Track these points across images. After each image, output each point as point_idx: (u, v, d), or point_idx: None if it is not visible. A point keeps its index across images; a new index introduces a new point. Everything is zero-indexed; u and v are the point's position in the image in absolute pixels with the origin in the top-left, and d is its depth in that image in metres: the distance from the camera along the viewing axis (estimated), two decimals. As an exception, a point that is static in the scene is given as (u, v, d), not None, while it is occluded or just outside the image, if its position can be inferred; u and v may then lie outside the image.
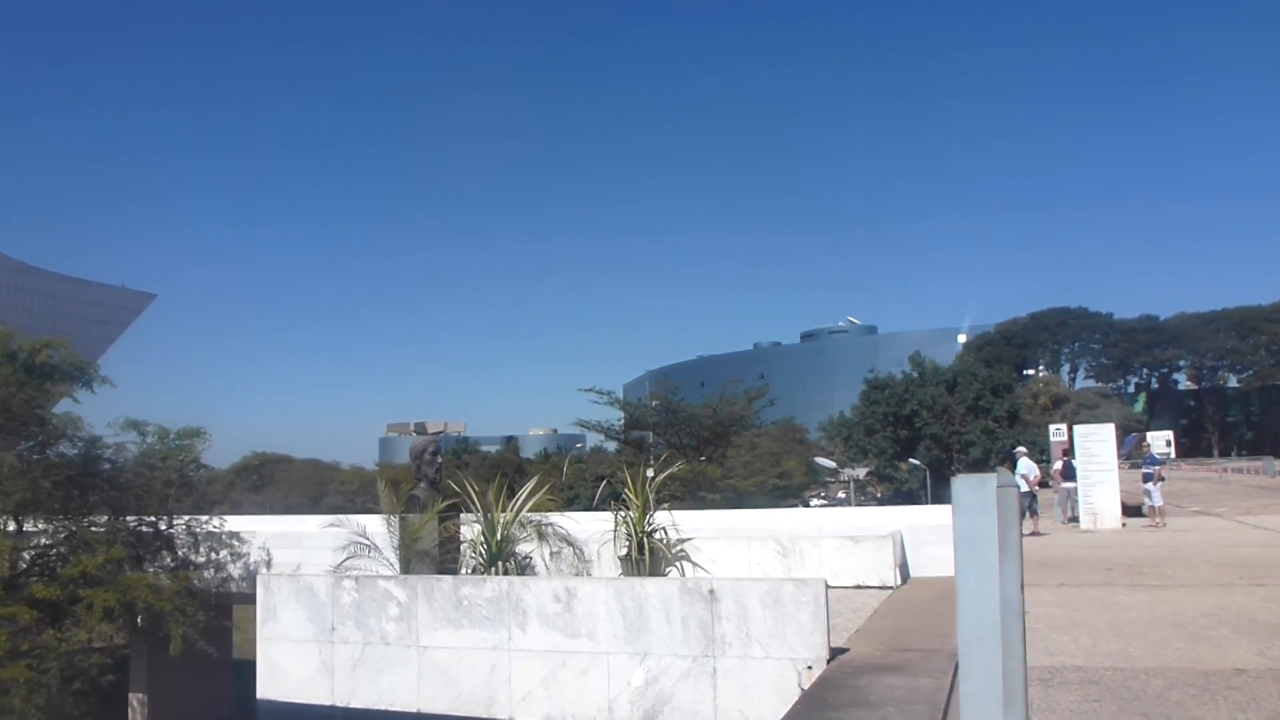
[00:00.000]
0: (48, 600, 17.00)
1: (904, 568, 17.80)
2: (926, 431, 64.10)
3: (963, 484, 3.15)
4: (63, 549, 19.33)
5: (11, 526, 19.08)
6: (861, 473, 64.05)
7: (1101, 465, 25.87)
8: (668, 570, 14.89)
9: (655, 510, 14.97)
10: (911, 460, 63.30)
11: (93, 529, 19.42)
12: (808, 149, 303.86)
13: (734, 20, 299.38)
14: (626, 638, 11.42)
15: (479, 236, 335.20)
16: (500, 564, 13.68)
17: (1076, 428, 28.67)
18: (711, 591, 11.00)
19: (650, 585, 11.59)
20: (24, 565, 19.22)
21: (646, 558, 14.38)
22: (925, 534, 18.29)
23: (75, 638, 17.73)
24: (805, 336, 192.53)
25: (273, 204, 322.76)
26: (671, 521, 15.32)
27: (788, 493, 61.69)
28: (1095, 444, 26.27)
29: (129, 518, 20.39)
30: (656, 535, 14.85)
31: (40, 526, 19.65)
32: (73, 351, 21.01)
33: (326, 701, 13.29)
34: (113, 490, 20.39)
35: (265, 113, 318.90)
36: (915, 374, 68.55)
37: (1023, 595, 2.99)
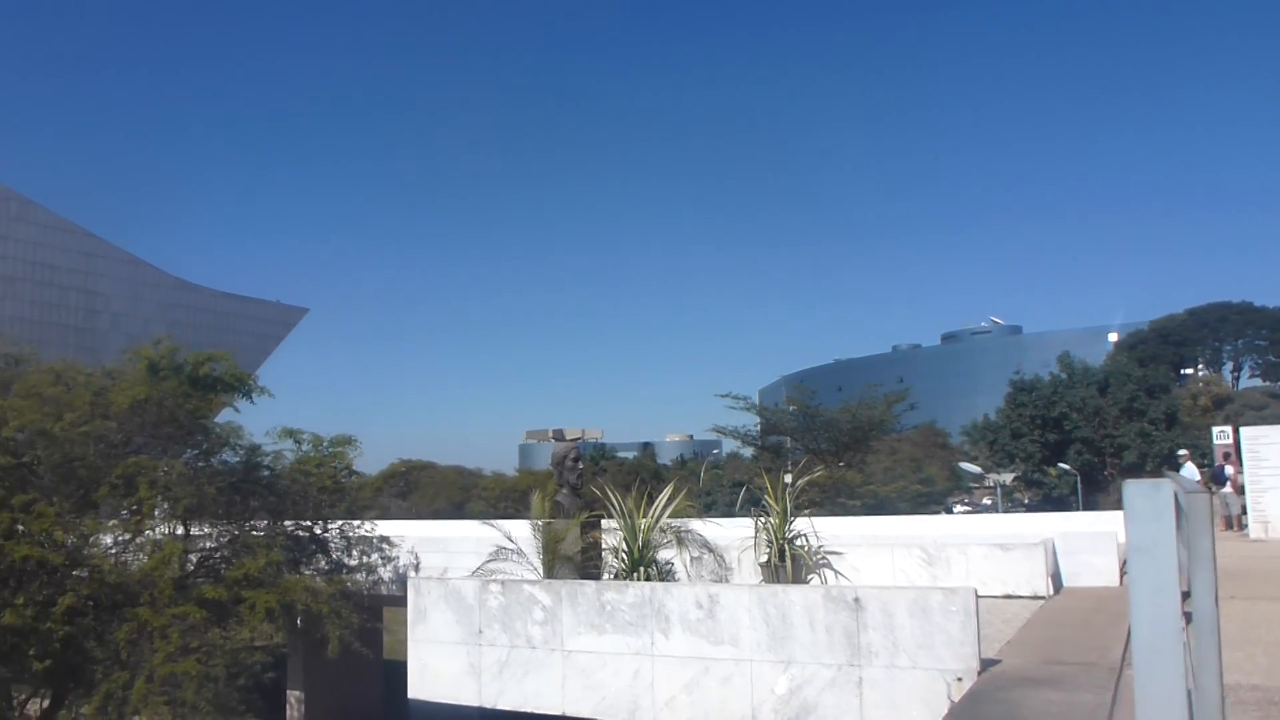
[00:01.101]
0: (214, 600, 17.86)
1: (1056, 577, 17.14)
2: (1077, 435, 61.69)
3: (1135, 489, 2.99)
4: (226, 552, 20.29)
5: (180, 530, 20.10)
6: (1008, 478, 62.03)
7: (1272, 470, 24.36)
8: (809, 577, 14.70)
9: (795, 516, 14.81)
10: (1061, 465, 61.03)
11: (253, 533, 20.31)
12: (950, 146, 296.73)
13: (868, 18, 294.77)
14: (770, 645, 11.31)
15: (616, 243, 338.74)
16: (642, 570, 13.74)
17: (1243, 430, 27.07)
18: (856, 600, 10.80)
19: (794, 592, 11.45)
20: (191, 567, 20.24)
21: (788, 565, 14.23)
22: (1079, 542, 17.58)
23: (239, 636, 18.59)
24: (946, 338, 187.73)
25: (409, 214, 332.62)
26: (812, 528, 15.13)
27: (930, 499, 60.16)
28: (1264, 447, 24.76)
29: (286, 522, 21.25)
30: (798, 542, 14.68)
31: (205, 530, 20.66)
32: (233, 364, 21.99)
33: (475, 703, 13.57)
34: (271, 496, 21.28)
35: (400, 124, 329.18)
36: (1064, 375, 66.08)
37: (1218, 609, 2.82)
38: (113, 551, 19.17)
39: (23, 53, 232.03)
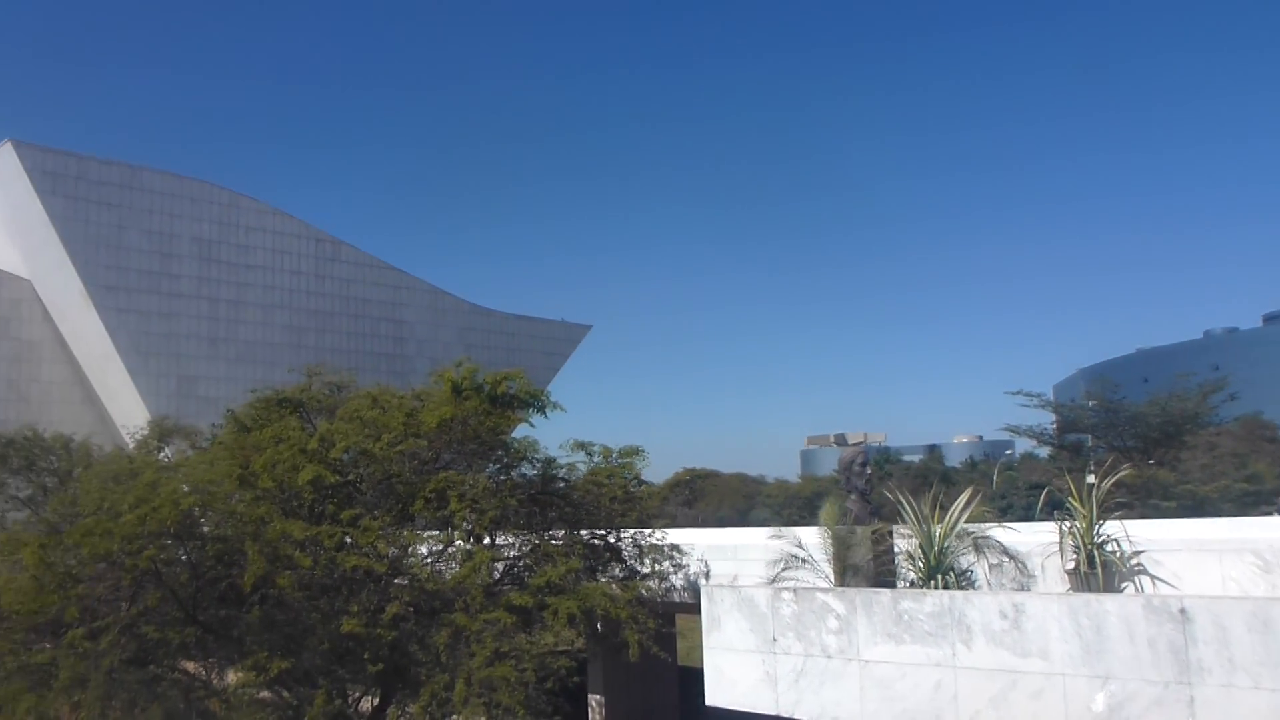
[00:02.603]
0: (521, 606, 18.76)
1: None
2: None
3: None
4: (528, 560, 21.28)
5: (487, 541, 21.29)
6: (1356, 473, 55.19)
7: None
8: (1123, 586, 13.67)
9: (1103, 520, 13.82)
10: None
11: (552, 542, 21.19)
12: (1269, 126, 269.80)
13: None
14: (1083, 659, 10.59)
15: (896, 243, 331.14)
16: (939, 577, 13.25)
17: None
18: (1183, 610, 9.92)
19: (1108, 602, 10.67)
20: (498, 575, 21.39)
21: (1098, 572, 13.30)
22: None
23: (543, 641, 19.43)
24: (1269, 319, 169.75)
25: (685, 225, 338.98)
26: (1124, 532, 14.07)
27: (1259, 499, 54.45)
28: None
29: (582, 531, 22.01)
30: (1108, 547, 13.70)
31: (509, 540, 21.75)
32: (527, 382, 22.99)
33: (771, 711, 13.54)
34: (567, 506, 22.11)
35: (676, 136, 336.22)
36: None
37: None
38: (428, 561, 20.57)
39: (327, 108, 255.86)
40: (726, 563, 22.65)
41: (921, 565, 13.60)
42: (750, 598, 13.76)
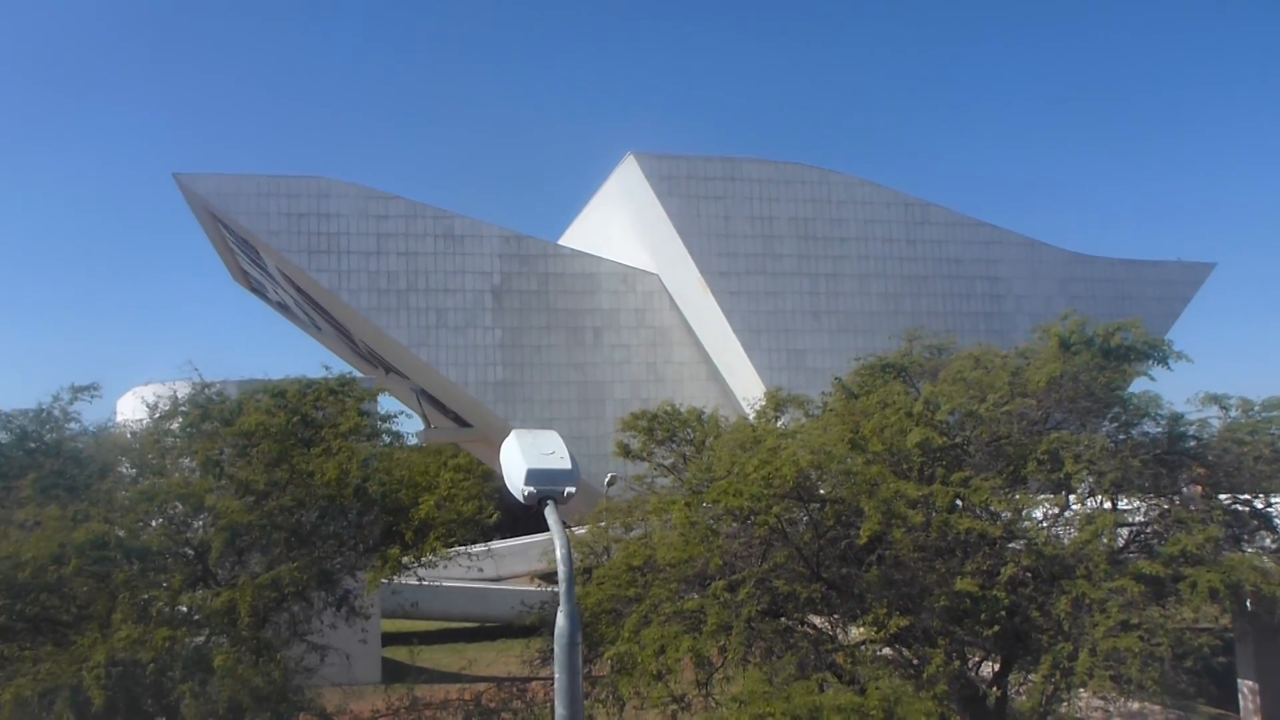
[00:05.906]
0: (1150, 576, 17.42)
1: None
2: None
3: None
4: (1157, 526, 19.72)
5: (1107, 505, 20.06)
6: None
7: None
8: None
9: None
10: None
11: (1186, 507, 19.45)
12: None
13: None
14: None
15: None
16: None
17: None
18: None
19: None
20: (1121, 542, 20.06)
21: None
22: None
23: (1179, 615, 17.85)
24: None
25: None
26: None
27: None
28: None
29: (1222, 496, 19.95)
30: None
31: (1133, 504, 20.31)
32: (1143, 331, 21.34)
33: None
34: (1201, 468, 20.17)
35: None
36: None
37: None
38: (1044, 525, 19.88)
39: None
40: None
41: None
42: None
